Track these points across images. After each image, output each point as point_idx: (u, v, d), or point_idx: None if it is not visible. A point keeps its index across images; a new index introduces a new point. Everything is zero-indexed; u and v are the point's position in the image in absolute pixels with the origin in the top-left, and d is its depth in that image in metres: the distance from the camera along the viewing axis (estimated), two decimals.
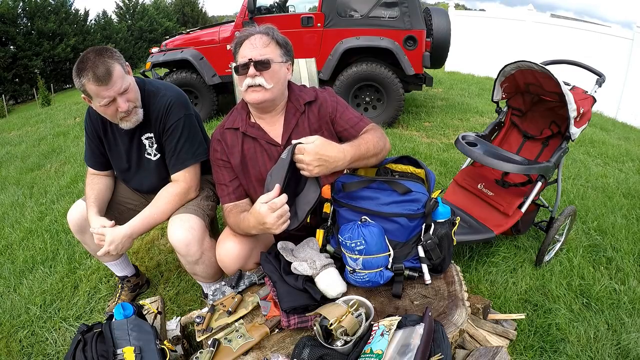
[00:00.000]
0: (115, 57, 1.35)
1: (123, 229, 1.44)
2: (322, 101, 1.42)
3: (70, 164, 4.06)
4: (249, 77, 1.29)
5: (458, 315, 1.11)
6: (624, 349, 1.61)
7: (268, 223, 1.14)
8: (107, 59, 1.32)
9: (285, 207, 1.14)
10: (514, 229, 2.03)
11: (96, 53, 1.33)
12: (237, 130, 1.43)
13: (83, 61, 1.32)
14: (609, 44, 6.39)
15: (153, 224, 1.53)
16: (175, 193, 1.55)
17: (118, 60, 1.36)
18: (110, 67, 1.32)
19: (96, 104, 1.39)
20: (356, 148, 1.26)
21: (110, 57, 1.34)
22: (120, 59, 1.38)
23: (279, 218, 1.13)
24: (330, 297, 1.18)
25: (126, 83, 1.37)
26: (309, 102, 1.42)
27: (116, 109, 1.38)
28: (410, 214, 1.20)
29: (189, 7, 36.28)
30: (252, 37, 1.32)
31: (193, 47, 4.64)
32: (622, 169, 3.61)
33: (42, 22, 21.23)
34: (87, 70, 1.30)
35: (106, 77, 1.30)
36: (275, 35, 1.35)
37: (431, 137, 4.34)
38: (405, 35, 4.25)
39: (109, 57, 1.33)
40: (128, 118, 1.43)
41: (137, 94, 1.45)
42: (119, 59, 1.37)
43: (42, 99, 14.41)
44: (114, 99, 1.36)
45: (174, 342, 1.36)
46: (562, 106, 1.90)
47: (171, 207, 1.54)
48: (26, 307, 1.95)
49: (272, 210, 1.12)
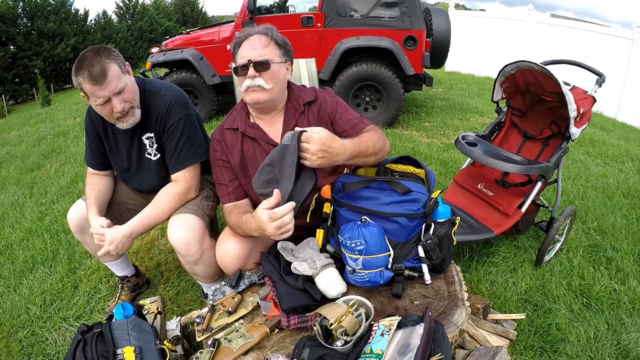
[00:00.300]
0: (112, 57, 1.35)
1: (123, 229, 1.44)
2: (321, 101, 1.42)
3: (70, 164, 4.06)
4: (248, 78, 1.29)
5: (458, 315, 1.11)
6: (624, 349, 1.61)
7: (267, 231, 1.14)
8: (103, 58, 1.32)
9: (286, 218, 1.11)
10: (514, 229, 2.03)
11: (94, 52, 1.33)
12: (237, 131, 1.43)
13: (81, 60, 1.32)
14: (609, 44, 6.39)
15: (153, 224, 1.53)
16: (175, 193, 1.55)
17: (115, 60, 1.35)
18: (106, 66, 1.31)
19: (92, 103, 1.39)
20: (356, 144, 1.26)
21: (107, 56, 1.33)
22: (118, 59, 1.37)
23: (277, 229, 1.12)
24: (330, 297, 1.18)
25: (122, 83, 1.36)
26: (308, 102, 1.42)
27: (111, 109, 1.38)
28: (410, 214, 1.20)
29: (189, 7, 36.28)
30: (251, 37, 1.32)
31: (193, 47, 4.64)
32: (622, 169, 3.61)
33: (42, 22, 21.22)
34: (84, 69, 1.30)
35: (101, 76, 1.30)
36: (274, 35, 1.34)
37: (431, 137, 4.34)
38: (405, 35, 4.25)
39: (106, 56, 1.33)
40: (124, 119, 1.43)
41: (135, 94, 1.44)
42: (117, 59, 1.36)
43: (42, 99, 14.41)
44: (109, 99, 1.35)
45: (174, 342, 1.36)
46: (562, 106, 1.90)
47: (171, 206, 1.54)
48: (26, 307, 1.95)
49: (272, 220, 1.11)
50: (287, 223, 1.12)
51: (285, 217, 1.11)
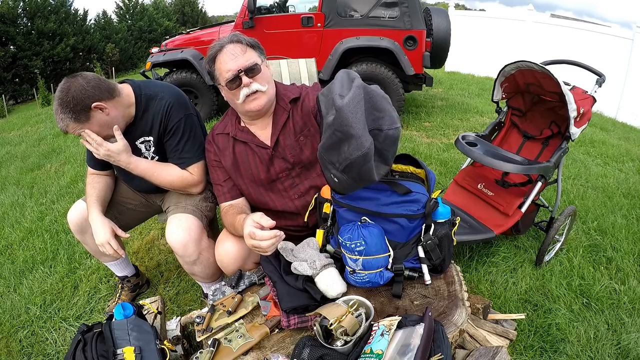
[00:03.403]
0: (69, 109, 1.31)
1: (122, 146, 1.44)
2: (304, 97, 1.42)
3: (70, 164, 4.06)
4: (244, 87, 1.28)
5: (458, 315, 1.11)
6: (624, 349, 1.61)
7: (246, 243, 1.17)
8: (62, 114, 1.32)
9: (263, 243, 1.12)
10: (514, 229, 2.03)
11: (58, 103, 1.32)
12: (228, 135, 1.44)
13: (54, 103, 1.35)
14: (609, 44, 6.39)
15: (147, 175, 1.52)
16: (181, 175, 1.54)
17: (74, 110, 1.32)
18: (65, 126, 1.34)
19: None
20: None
21: (64, 111, 1.32)
22: (79, 105, 1.31)
23: (252, 247, 1.16)
24: (330, 297, 1.17)
25: (89, 126, 1.37)
26: (293, 99, 1.41)
27: None
28: (410, 214, 1.19)
29: (188, 7, 36.28)
30: (226, 49, 1.29)
31: (193, 47, 4.64)
32: (622, 169, 3.61)
33: (42, 22, 21.22)
34: (55, 115, 1.34)
35: (65, 131, 1.36)
36: (246, 39, 1.33)
37: (431, 137, 4.34)
38: (405, 35, 4.25)
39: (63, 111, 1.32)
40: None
41: (108, 126, 1.41)
42: (77, 106, 1.31)
43: (42, 99, 14.43)
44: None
45: (174, 342, 1.36)
46: (562, 106, 1.90)
47: (169, 181, 1.53)
48: (26, 307, 1.95)
49: (251, 238, 1.14)
50: (265, 248, 1.13)
51: (263, 243, 1.13)
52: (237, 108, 1.39)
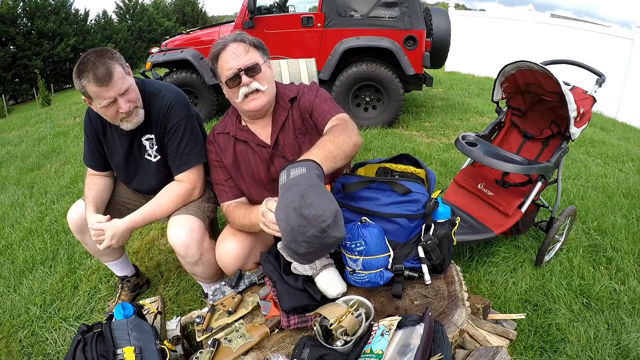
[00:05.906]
0: (115, 58, 1.35)
1: (123, 222, 1.45)
2: (300, 96, 1.42)
3: (70, 164, 4.05)
4: (243, 86, 1.29)
5: (458, 315, 1.11)
6: (624, 349, 1.61)
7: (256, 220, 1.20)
8: (107, 60, 1.32)
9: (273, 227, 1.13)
10: (514, 229, 2.03)
11: (96, 54, 1.33)
12: (229, 134, 1.45)
13: (83, 63, 1.32)
14: (608, 44, 6.39)
15: (153, 220, 1.55)
16: (179, 193, 1.55)
17: (118, 61, 1.36)
18: (111, 68, 1.31)
19: (97, 106, 1.38)
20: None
21: (110, 58, 1.34)
22: (121, 60, 1.38)
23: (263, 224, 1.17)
24: (330, 297, 1.17)
25: (127, 84, 1.37)
26: (292, 98, 1.42)
27: (117, 110, 1.38)
28: (410, 214, 1.19)
29: (189, 7, 36.30)
30: (229, 47, 1.31)
31: (193, 47, 4.63)
32: (622, 169, 3.61)
33: (42, 22, 21.24)
34: (88, 72, 1.30)
35: (107, 78, 1.30)
36: (249, 39, 1.34)
37: (431, 137, 4.34)
38: (405, 35, 4.25)
39: (109, 58, 1.33)
40: (129, 119, 1.43)
41: (138, 94, 1.45)
42: (119, 60, 1.37)
43: (42, 99, 14.43)
44: (114, 100, 1.36)
45: (174, 342, 1.36)
46: (562, 106, 1.90)
47: (173, 206, 1.54)
48: (26, 307, 1.95)
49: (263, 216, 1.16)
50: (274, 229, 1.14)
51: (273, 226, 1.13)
52: (237, 107, 1.41)
